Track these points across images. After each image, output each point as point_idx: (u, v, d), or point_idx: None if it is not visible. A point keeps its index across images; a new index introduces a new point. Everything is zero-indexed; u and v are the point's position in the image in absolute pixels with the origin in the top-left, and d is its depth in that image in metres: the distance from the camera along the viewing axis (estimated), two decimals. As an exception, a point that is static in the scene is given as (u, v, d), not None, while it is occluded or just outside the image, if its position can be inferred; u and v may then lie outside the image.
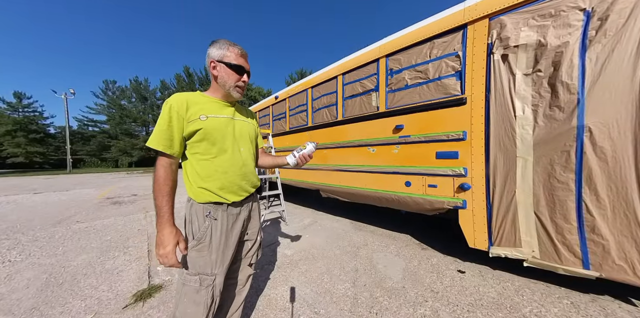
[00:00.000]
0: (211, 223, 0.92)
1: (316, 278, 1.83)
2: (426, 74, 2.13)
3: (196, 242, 0.90)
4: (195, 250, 0.90)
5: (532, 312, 1.38)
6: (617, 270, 1.36)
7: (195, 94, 0.97)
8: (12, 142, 28.10)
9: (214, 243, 0.92)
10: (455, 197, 1.96)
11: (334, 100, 3.12)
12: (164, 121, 0.85)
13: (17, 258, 2.28)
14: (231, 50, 0.94)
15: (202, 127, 0.89)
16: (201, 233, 0.91)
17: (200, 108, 0.92)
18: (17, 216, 4.03)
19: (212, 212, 0.92)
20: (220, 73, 0.95)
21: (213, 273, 0.91)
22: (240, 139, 1.01)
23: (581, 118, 1.42)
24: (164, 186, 0.85)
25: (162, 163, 0.86)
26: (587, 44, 1.41)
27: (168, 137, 0.86)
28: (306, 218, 3.62)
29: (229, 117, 0.99)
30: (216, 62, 0.94)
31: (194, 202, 0.93)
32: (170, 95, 0.91)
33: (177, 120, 0.87)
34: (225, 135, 0.95)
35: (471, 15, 1.84)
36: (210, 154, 0.92)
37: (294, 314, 1.42)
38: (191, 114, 0.89)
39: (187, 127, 0.88)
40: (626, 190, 1.34)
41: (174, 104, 0.87)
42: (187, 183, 0.94)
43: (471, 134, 1.85)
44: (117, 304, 1.52)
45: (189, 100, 0.91)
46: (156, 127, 0.86)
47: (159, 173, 0.85)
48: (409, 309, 1.44)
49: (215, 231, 0.92)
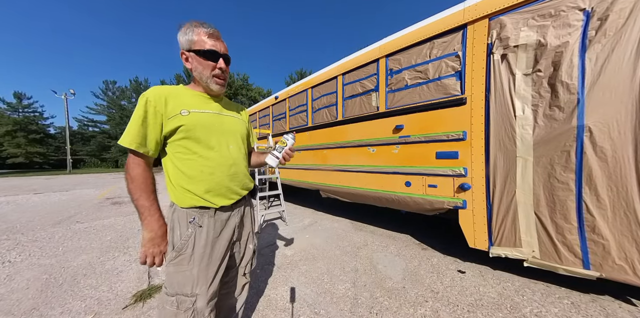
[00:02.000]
0: (195, 231, 0.80)
1: (316, 278, 1.83)
2: (426, 74, 2.13)
3: (175, 254, 0.78)
4: (174, 264, 0.78)
5: (532, 312, 1.38)
6: (617, 270, 1.36)
7: (177, 87, 0.87)
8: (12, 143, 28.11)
9: (196, 255, 0.79)
10: (455, 197, 1.96)
11: (334, 100, 3.12)
12: (139, 117, 0.75)
13: (17, 258, 2.28)
14: (197, 33, 0.79)
15: (184, 124, 0.78)
16: (182, 243, 0.78)
17: (181, 102, 0.81)
18: (17, 216, 4.02)
19: (197, 217, 0.81)
20: (193, 65, 0.82)
21: (193, 294, 0.77)
22: (228, 136, 0.91)
23: (581, 118, 1.42)
24: (145, 185, 0.77)
25: (137, 162, 0.78)
26: (587, 44, 1.41)
27: (142, 135, 0.75)
28: (306, 218, 3.62)
29: (214, 112, 0.88)
30: (186, 52, 0.81)
31: (177, 207, 0.82)
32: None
33: (154, 116, 0.76)
34: (211, 132, 0.84)
35: (471, 15, 1.84)
36: (195, 153, 0.81)
37: (294, 314, 1.42)
38: (171, 109, 0.78)
39: (167, 124, 0.78)
40: (626, 190, 1.33)
41: (151, 98, 0.76)
42: (170, 185, 0.83)
43: (471, 134, 1.85)
44: (117, 304, 1.52)
45: (169, 94, 0.80)
46: (129, 123, 0.75)
47: (136, 171, 0.77)
48: (409, 309, 1.44)
49: (199, 240, 0.80)
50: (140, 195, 0.77)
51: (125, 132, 0.75)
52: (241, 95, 29.32)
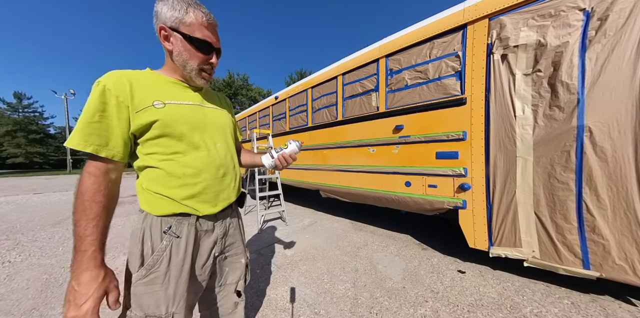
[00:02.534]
0: (171, 242, 0.66)
1: (316, 278, 1.83)
2: (426, 74, 2.13)
3: (145, 272, 0.64)
4: (143, 283, 0.64)
5: (532, 312, 1.38)
6: (617, 270, 1.36)
7: (143, 72, 0.71)
8: (12, 143, 28.15)
9: (172, 271, 0.66)
10: (455, 197, 1.96)
11: (334, 100, 3.12)
12: (94, 110, 0.57)
13: (17, 258, 2.28)
14: (192, 15, 0.65)
15: (159, 118, 0.63)
16: (154, 258, 0.64)
17: (152, 91, 0.66)
18: (17, 216, 4.02)
19: (174, 226, 0.67)
20: (176, 47, 0.67)
21: (169, 313, 0.65)
22: (214, 131, 0.77)
23: (581, 118, 1.42)
24: (91, 204, 0.57)
25: (92, 171, 0.59)
26: (587, 44, 1.41)
27: (101, 133, 0.58)
28: (306, 218, 3.62)
29: (195, 103, 0.74)
30: (169, 29, 0.65)
31: (148, 214, 0.67)
32: None
33: (117, 109, 0.60)
34: (193, 128, 0.70)
35: (471, 15, 1.84)
36: (175, 153, 0.67)
37: (294, 314, 1.42)
38: (139, 100, 0.63)
39: (136, 119, 0.62)
40: (626, 190, 1.33)
41: (110, 85, 0.59)
42: (140, 190, 0.68)
43: (471, 134, 1.85)
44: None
45: (134, 80, 0.63)
46: (81, 119, 0.58)
47: (85, 184, 0.58)
48: (409, 309, 1.44)
49: (176, 253, 0.66)
50: (78, 219, 0.56)
51: (75, 131, 0.57)
52: (241, 95, 29.31)
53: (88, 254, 0.57)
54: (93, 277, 0.57)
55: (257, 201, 3.32)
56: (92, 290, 0.56)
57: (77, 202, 0.57)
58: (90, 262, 0.58)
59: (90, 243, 0.57)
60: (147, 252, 0.65)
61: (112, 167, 0.62)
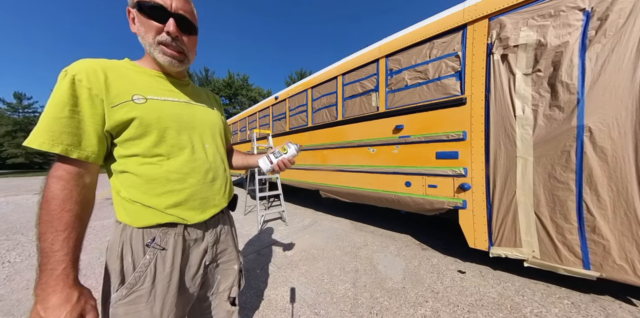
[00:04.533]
0: (155, 256, 0.59)
1: (316, 278, 1.83)
2: (426, 74, 2.13)
3: (127, 291, 0.56)
4: (125, 303, 0.56)
5: (532, 312, 1.38)
6: (617, 270, 1.36)
7: (120, 61, 0.62)
8: (12, 143, 28.17)
9: (158, 288, 0.58)
10: (455, 197, 1.95)
11: (334, 100, 3.12)
12: (62, 104, 0.49)
13: (17, 259, 2.28)
14: None
15: (139, 115, 0.56)
16: (137, 276, 0.57)
17: (130, 83, 0.58)
18: (17, 217, 4.02)
19: (159, 238, 0.60)
20: (137, 26, 0.59)
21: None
22: (202, 131, 0.70)
23: (581, 118, 1.42)
24: (60, 213, 0.48)
25: (61, 175, 0.50)
26: (587, 44, 1.41)
27: (72, 131, 0.50)
28: (306, 218, 3.62)
29: (181, 101, 0.67)
30: (131, 9, 0.58)
31: (127, 226, 0.59)
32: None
33: (91, 103, 0.51)
34: (180, 128, 0.63)
35: (471, 15, 1.84)
36: (157, 156, 0.59)
37: (294, 315, 1.42)
38: (116, 93, 0.54)
39: (112, 114, 0.53)
40: (627, 190, 1.33)
41: (82, 76, 0.51)
42: (117, 198, 0.59)
43: (471, 134, 1.85)
44: (117, 305, 1.52)
45: (109, 70, 0.55)
46: (45, 116, 0.48)
47: (52, 191, 0.48)
48: (410, 310, 1.44)
49: (161, 267, 0.59)
50: (44, 232, 0.47)
51: (38, 128, 0.48)
52: (241, 95, 29.32)
53: (57, 273, 0.46)
54: (64, 299, 0.46)
55: (257, 201, 3.32)
56: (63, 315, 0.45)
57: (42, 212, 0.47)
58: (59, 282, 0.46)
59: (59, 260, 0.47)
60: (127, 269, 0.57)
61: (85, 170, 0.53)
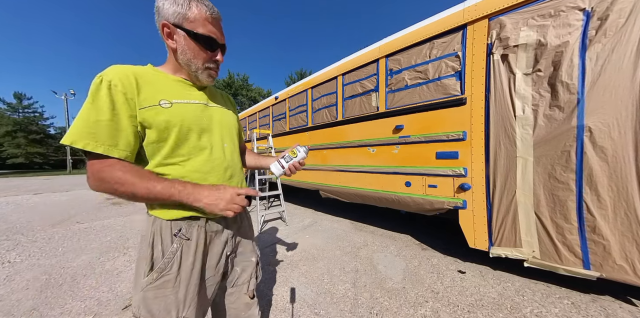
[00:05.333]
0: (181, 245, 0.65)
1: (316, 278, 1.82)
2: (426, 74, 2.13)
3: (156, 275, 0.62)
4: (154, 287, 0.62)
5: (532, 312, 1.38)
6: (617, 270, 1.36)
7: (146, 68, 0.66)
8: (12, 143, 28.17)
9: (183, 274, 0.64)
10: (455, 197, 1.95)
11: (334, 100, 3.12)
12: (102, 107, 0.53)
13: (17, 259, 2.28)
14: (196, 10, 0.61)
15: (167, 119, 0.61)
16: (165, 261, 0.63)
17: (158, 89, 0.63)
18: (17, 217, 4.02)
19: (184, 229, 0.66)
20: (180, 46, 0.63)
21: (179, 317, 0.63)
22: (221, 131, 0.75)
23: (581, 118, 1.42)
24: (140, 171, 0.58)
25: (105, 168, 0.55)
26: (587, 44, 1.41)
27: (111, 132, 0.55)
28: (306, 218, 3.62)
29: (201, 103, 0.71)
30: (172, 26, 0.61)
31: (157, 218, 0.65)
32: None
33: (126, 106, 0.56)
34: (201, 129, 0.69)
35: (471, 15, 1.84)
36: (181, 156, 0.65)
37: (294, 315, 1.42)
38: (145, 97, 0.59)
39: (140, 116, 0.59)
40: (627, 190, 1.33)
41: (117, 81, 0.56)
42: None
43: (471, 134, 1.85)
44: (116, 305, 1.52)
45: (138, 76, 0.60)
46: (85, 118, 0.53)
47: (111, 174, 0.54)
48: (410, 310, 1.44)
49: (186, 256, 0.65)
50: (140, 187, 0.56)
51: (78, 129, 0.52)
52: (241, 95, 29.31)
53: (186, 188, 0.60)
54: (207, 187, 0.63)
55: (257, 201, 3.32)
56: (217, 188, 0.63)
57: (125, 186, 0.55)
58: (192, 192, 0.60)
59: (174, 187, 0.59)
60: (157, 256, 0.64)
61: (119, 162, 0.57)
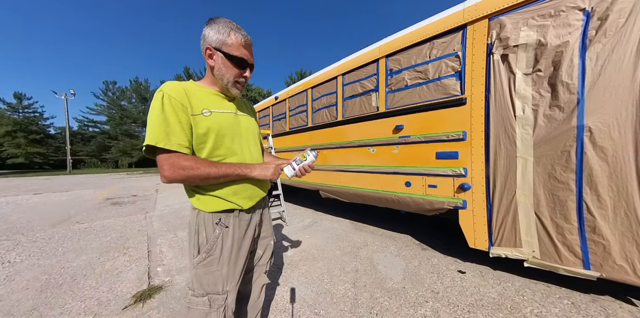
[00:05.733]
0: (222, 231, 0.81)
1: (316, 278, 1.82)
2: (426, 74, 2.13)
3: (205, 255, 0.79)
4: (203, 265, 0.79)
5: (532, 313, 1.38)
6: (617, 270, 1.36)
7: (189, 83, 0.82)
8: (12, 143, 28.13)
9: (225, 255, 0.81)
10: (455, 197, 1.95)
11: (334, 100, 3.12)
12: (169, 115, 0.70)
13: (17, 259, 2.28)
14: (233, 37, 0.78)
15: (208, 125, 0.77)
16: (210, 244, 0.80)
17: (200, 100, 0.78)
18: (17, 217, 4.02)
19: (223, 219, 0.82)
20: (217, 64, 0.80)
21: (224, 291, 0.80)
22: (248, 136, 0.92)
23: (581, 118, 1.42)
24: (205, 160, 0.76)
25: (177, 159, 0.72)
26: (587, 44, 1.41)
27: (179, 134, 0.72)
28: (306, 218, 3.62)
29: (232, 112, 0.87)
30: (213, 49, 0.78)
31: (200, 211, 0.81)
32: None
33: (184, 113, 0.73)
34: (233, 134, 0.84)
35: (471, 15, 1.84)
36: (218, 156, 0.81)
37: (294, 315, 1.42)
38: (192, 106, 0.75)
39: (190, 122, 0.75)
40: (627, 190, 1.33)
41: (174, 94, 0.72)
42: (189, 191, 0.83)
43: (471, 134, 1.85)
44: (116, 305, 1.52)
45: (186, 90, 0.76)
46: (160, 122, 0.70)
47: (188, 163, 0.72)
48: (410, 310, 1.44)
49: (226, 240, 0.82)
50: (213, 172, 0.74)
51: (156, 133, 0.69)
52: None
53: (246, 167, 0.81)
54: (258, 164, 0.85)
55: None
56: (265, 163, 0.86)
57: (198, 172, 0.72)
58: (248, 166, 0.82)
59: (234, 166, 0.79)
60: (202, 241, 0.80)
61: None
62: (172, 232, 3.05)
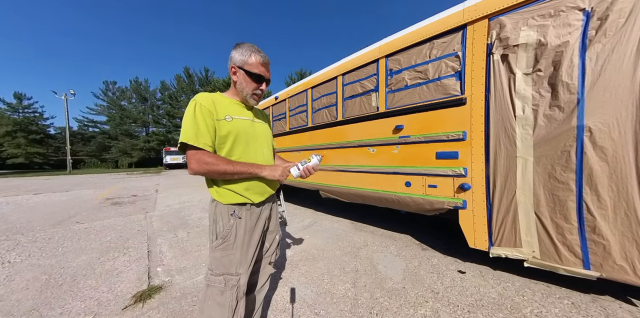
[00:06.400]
0: (236, 221, 0.94)
1: (316, 278, 1.82)
2: (426, 74, 2.13)
3: (221, 241, 0.93)
4: (220, 249, 0.93)
5: (532, 313, 1.37)
6: (617, 270, 1.36)
7: (216, 94, 1.00)
8: (12, 143, 28.10)
9: (238, 242, 0.94)
10: (455, 197, 1.95)
11: (334, 100, 3.12)
12: (200, 120, 0.87)
13: (17, 259, 2.28)
14: (253, 58, 0.94)
15: (229, 129, 0.92)
16: (226, 232, 0.93)
17: (224, 108, 0.95)
18: (17, 217, 4.02)
19: (237, 211, 0.95)
20: (239, 79, 0.97)
21: (237, 273, 0.92)
22: (262, 140, 1.07)
23: (581, 118, 1.42)
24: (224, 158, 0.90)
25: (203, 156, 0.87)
26: (587, 44, 1.41)
27: (206, 135, 0.88)
28: (306, 218, 3.62)
29: (249, 119, 1.03)
30: (237, 67, 0.95)
31: (218, 203, 0.95)
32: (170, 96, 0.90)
33: (210, 118, 0.89)
34: (249, 138, 0.99)
35: (471, 15, 1.84)
36: (234, 155, 0.95)
37: (294, 315, 1.42)
38: (218, 113, 0.91)
39: (215, 125, 0.91)
40: (627, 190, 1.33)
41: (204, 103, 0.89)
42: (210, 183, 0.97)
43: (471, 134, 1.85)
44: (116, 305, 1.52)
45: (214, 99, 0.94)
46: (192, 124, 0.86)
47: (211, 159, 0.86)
48: (410, 310, 1.44)
49: (239, 229, 0.94)
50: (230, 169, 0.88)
51: (189, 133, 0.85)
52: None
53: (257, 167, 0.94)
54: (268, 165, 0.98)
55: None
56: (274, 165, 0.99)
57: (217, 168, 0.87)
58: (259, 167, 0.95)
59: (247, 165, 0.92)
60: (219, 229, 0.94)
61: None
62: (172, 232, 3.05)
